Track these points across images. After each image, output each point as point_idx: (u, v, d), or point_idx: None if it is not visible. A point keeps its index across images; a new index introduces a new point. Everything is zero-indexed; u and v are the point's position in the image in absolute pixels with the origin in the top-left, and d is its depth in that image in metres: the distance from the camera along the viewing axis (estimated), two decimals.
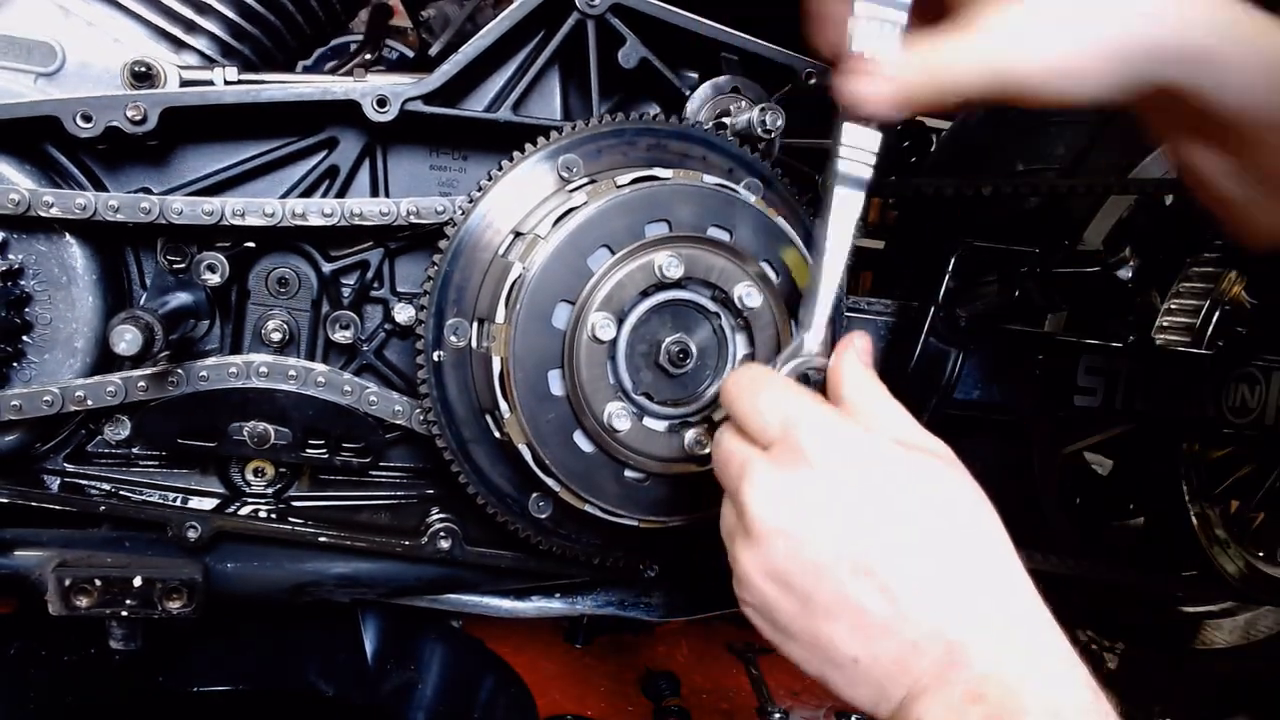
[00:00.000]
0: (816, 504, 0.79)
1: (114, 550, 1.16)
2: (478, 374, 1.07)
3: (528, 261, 1.01)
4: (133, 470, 1.21)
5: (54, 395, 1.09)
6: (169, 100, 1.07)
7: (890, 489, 0.79)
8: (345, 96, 1.10)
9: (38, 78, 1.11)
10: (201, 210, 1.08)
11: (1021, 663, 0.73)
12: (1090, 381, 1.43)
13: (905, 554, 0.77)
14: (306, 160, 1.17)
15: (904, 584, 0.76)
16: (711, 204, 1.04)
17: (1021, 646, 0.74)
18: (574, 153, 1.08)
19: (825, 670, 0.80)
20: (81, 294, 1.10)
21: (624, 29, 1.15)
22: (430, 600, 1.31)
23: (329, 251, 1.20)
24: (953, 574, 0.76)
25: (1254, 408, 1.51)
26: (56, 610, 1.11)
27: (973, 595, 0.76)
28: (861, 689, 0.78)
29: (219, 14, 1.18)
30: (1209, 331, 1.55)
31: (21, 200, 1.05)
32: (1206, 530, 1.63)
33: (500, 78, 1.19)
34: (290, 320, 1.20)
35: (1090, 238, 1.64)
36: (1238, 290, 1.56)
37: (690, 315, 1.05)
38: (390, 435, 1.23)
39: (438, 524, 1.21)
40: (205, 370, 1.13)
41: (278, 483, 1.25)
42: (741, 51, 1.20)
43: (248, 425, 1.15)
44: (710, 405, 1.07)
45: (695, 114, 1.18)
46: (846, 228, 0.92)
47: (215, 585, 1.18)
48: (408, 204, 1.12)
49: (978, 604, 0.75)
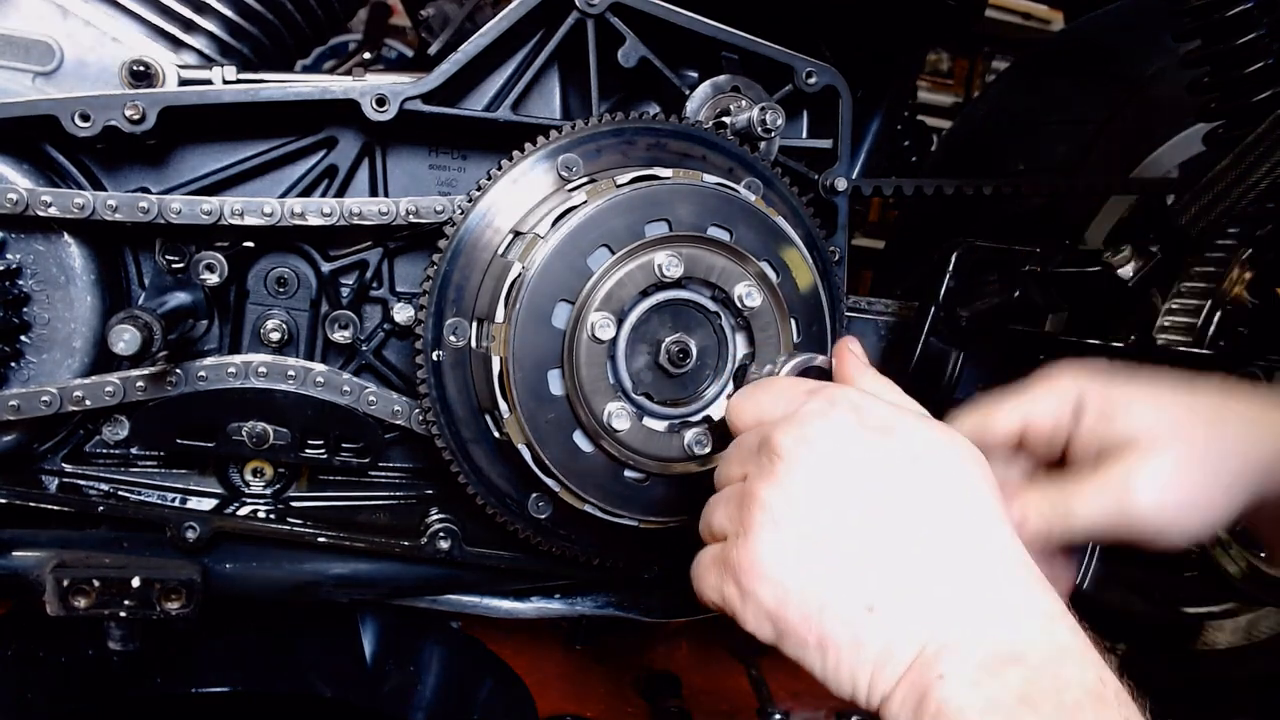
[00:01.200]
0: (856, 442, 0.78)
1: (112, 551, 1.16)
2: (477, 374, 1.07)
3: (527, 261, 1.01)
4: (131, 470, 1.21)
5: (52, 395, 1.09)
6: (167, 99, 1.07)
7: (925, 447, 0.78)
8: (344, 96, 1.10)
9: (36, 77, 1.11)
10: (200, 210, 1.08)
11: (1055, 633, 0.72)
12: None
13: (942, 505, 0.76)
14: (305, 160, 1.17)
15: (935, 531, 0.75)
16: (711, 203, 1.04)
17: (1052, 619, 0.73)
18: (573, 152, 1.08)
19: (825, 628, 0.75)
20: (80, 294, 1.10)
21: (623, 28, 1.15)
22: (430, 601, 1.31)
23: (328, 251, 1.20)
24: (983, 537, 0.76)
25: None
26: (55, 611, 1.11)
27: (1002, 559, 0.75)
28: (864, 649, 0.74)
29: (217, 13, 1.18)
30: (1210, 331, 1.54)
31: (19, 199, 1.04)
32: None
33: (499, 77, 1.18)
34: (289, 320, 1.20)
35: (1090, 238, 1.64)
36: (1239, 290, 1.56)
37: (690, 315, 1.04)
38: (389, 435, 1.22)
39: (437, 524, 1.21)
40: (204, 370, 1.13)
41: (276, 483, 1.24)
42: (741, 51, 1.20)
43: (246, 425, 1.15)
44: (710, 405, 1.07)
45: (695, 113, 1.18)
46: None
47: (214, 586, 1.18)
48: (407, 203, 1.12)
49: (1006, 568, 0.75)
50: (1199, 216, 1.20)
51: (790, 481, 0.78)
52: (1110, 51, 1.80)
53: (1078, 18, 2.12)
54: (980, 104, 2.34)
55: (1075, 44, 1.99)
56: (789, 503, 0.78)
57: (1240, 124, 1.28)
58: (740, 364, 1.07)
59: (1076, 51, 1.93)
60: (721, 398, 1.07)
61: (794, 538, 0.77)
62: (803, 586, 0.76)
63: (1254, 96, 1.27)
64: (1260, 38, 1.25)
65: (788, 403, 0.85)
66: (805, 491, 0.78)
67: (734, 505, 0.83)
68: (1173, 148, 1.62)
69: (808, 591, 0.76)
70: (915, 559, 0.75)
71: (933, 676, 0.70)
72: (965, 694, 0.69)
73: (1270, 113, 1.17)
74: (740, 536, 0.80)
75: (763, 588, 0.78)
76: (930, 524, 0.76)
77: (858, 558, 0.75)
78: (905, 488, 0.77)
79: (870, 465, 0.78)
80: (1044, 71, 1.99)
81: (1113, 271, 1.23)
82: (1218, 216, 1.20)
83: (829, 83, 1.24)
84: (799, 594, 0.77)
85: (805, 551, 0.77)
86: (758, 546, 0.78)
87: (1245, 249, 1.55)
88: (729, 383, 1.07)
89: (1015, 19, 4.71)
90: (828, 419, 0.80)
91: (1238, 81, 1.28)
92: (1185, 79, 1.39)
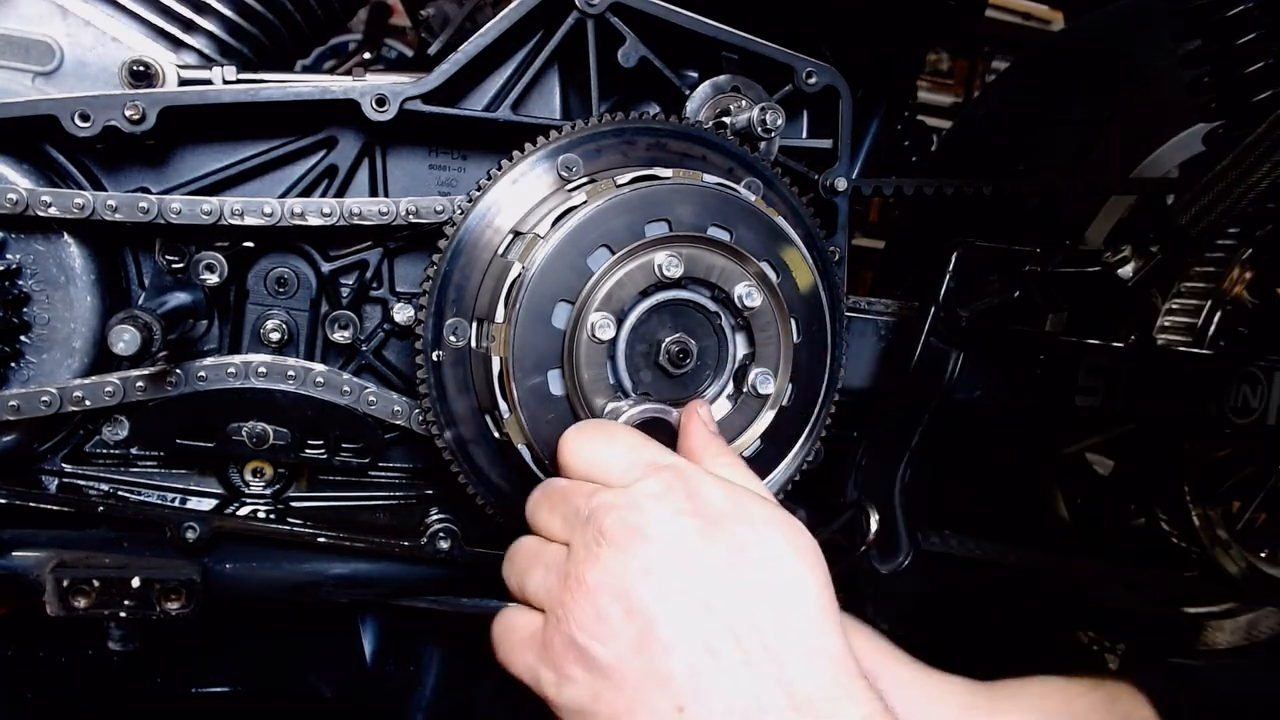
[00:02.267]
0: (685, 534, 0.78)
1: (112, 551, 1.15)
2: (477, 374, 1.07)
3: (527, 261, 1.00)
4: (131, 470, 1.21)
5: (52, 395, 1.09)
6: (167, 99, 1.07)
7: (755, 542, 0.78)
8: (344, 96, 1.10)
9: (35, 77, 1.11)
10: (200, 210, 1.08)
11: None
12: (1091, 381, 1.43)
13: (763, 606, 0.76)
14: (305, 160, 1.17)
15: (755, 628, 0.75)
16: (711, 203, 1.03)
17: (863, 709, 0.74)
18: (573, 152, 1.08)
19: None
20: (80, 294, 1.10)
21: (623, 28, 1.14)
22: (430, 601, 1.31)
23: (328, 251, 1.20)
24: (804, 631, 0.76)
25: (1256, 408, 1.50)
26: (54, 611, 1.11)
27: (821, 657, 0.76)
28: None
29: (217, 13, 1.18)
30: (1210, 331, 1.55)
31: (19, 199, 1.04)
32: (1208, 531, 1.62)
33: (499, 77, 1.18)
34: (289, 320, 1.20)
35: (1090, 238, 1.64)
36: (1239, 290, 1.56)
37: (690, 315, 1.04)
38: (389, 435, 1.22)
39: (437, 524, 1.21)
40: (204, 370, 1.13)
41: (276, 483, 1.24)
42: (741, 51, 1.20)
43: (246, 425, 1.15)
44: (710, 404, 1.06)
45: (695, 113, 1.18)
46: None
47: (214, 586, 1.17)
48: (407, 203, 1.12)
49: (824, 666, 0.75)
50: (1199, 216, 1.20)
51: (615, 569, 0.78)
52: (1110, 51, 1.80)
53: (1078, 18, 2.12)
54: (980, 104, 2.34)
55: (1075, 44, 1.99)
56: (612, 592, 0.77)
57: (1240, 124, 1.28)
58: (740, 364, 1.07)
59: (1076, 51, 1.93)
60: (722, 398, 1.07)
61: (614, 630, 0.77)
62: (620, 681, 0.76)
63: (1254, 96, 1.28)
64: (1260, 38, 1.25)
65: (624, 470, 0.84)
66: (629, 582, 0.77)
67: (554, 578, 0.82)
68: (1173, 148, 1.63)
69: (624, 687, 0.76)
70: (732, 665, 0.75)
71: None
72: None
73: (1270, 113, 1.16)
74: (559, 621, 0.80)
75: (579, 677, 0.78)
76: (750, 622, 0.76)
77: (676, 654, 0.75)
78: (729, 583, 0.77)
79: (697, 561, 0.78)
80: (1044, 71, 1.99)
81: (1113, 271, 1.23)
82: (1218, 216, 1.20)
83: (829, 83, 1.24)
84: (614, 689, 0.77)
85: (624, 645, 0.76)
86: (577, 635, 0.78)
87: (1245, 249, 1.55)
88: (729, 383, 1.07)
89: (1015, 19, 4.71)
90: (660, 506, 0.79)
91: (1238, 81, 1.28)
92: (1185, 79, 1.39)
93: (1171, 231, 1.22)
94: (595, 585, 0.78)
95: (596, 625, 0.77)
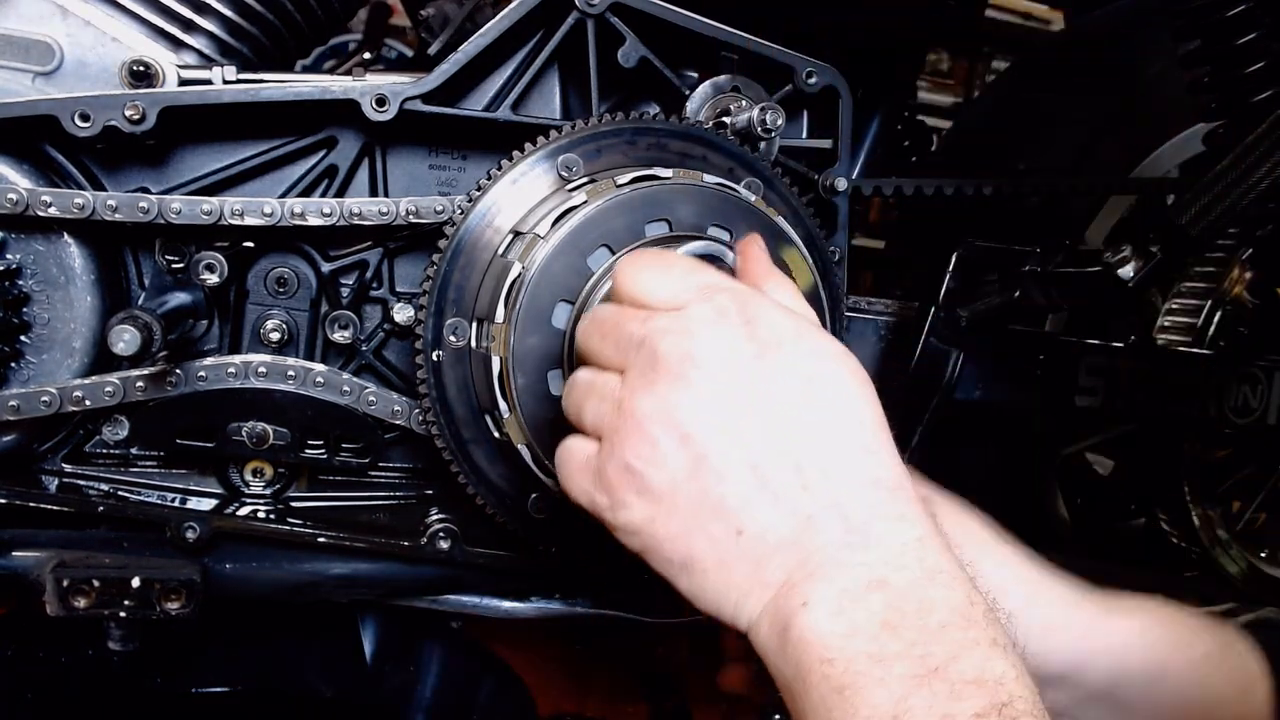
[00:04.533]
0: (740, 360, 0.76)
1: (112, 551, 1.15)
2: (477, 374, 1.07)
3: (527, 261, 1.00)
4: (131, 470, 1.21)
5: (52, 395, 1.09)
6: (167, 99, 1.07)
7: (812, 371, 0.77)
8: (344, 96, 1.10)
9: (35, 77, 1.11)
10: (200, 210, 1.08)
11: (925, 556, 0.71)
12: (1091, 381, 1.43)
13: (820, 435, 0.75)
14: (305, 160, 1.17)
15: (811, 455, 0.74)
16: (711, 203, 1.03)
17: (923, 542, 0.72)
18: (573, 152, 1.08)
19: (693, 548, 0.75)
20: (79, 294, 1.10)
21: (623, 28, 1.14)
22: (430, 601, 1.31)
23: (328, 251, 1.19)
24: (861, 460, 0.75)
25: (1256, 408, 1.50)
26: (54, 611, 1.11)
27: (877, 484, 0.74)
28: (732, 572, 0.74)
29: (218, 13, 1.18)
30: (1210, 331, 1.55)
31: (19, 199, 1.04)
32: (1208, 531, 1.62)
33: (499, 77, 1.18)
34: (289, 320, 1.20)
35: (1090, 238, 1.64)
36: (1239, 290, 1.56)
37: None
38: (389, 435, 1.22)
39: (437, 524, 1.21)
40: (204, 370, 1.13)
41: (276, 483, 1.24)
42: (741, 51, 1.20)
43: (246, 425, 1.15)
44: None
45: (695, 113, 1.18)
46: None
47: (214, 586, 1.17)
48: (407, 203, 1.12)
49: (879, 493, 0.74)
50: (1199, 216, 1.20)
51: (668, 397, 0.76)
52: (1110, 51, 1.80)
53: (1078, 18, 2.12)
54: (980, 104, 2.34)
55: (1075, 44, 1.99)
56: (665, 421, 0.76)
57: (1240, 124, 1.28)
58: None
59: (1076, 51, 1.93)
60: None
61: (667, 457, 0.76)
62: (673, 506, 0.76)
63: (1254, 96, 1.27)
64: (1260, 38, 1.25)
65: (676, 293, 0.81)
66: (682, 411, 0.76)
67: (607, 406, 0.81)
68: (1173, 148, 1.62)
69: (677, 511, 0.75)
70: (787, 485, 0.74)
71: (796, 604, 0.70)
72: (827, 622, 0.69)
73: (1270, 113, 1.17)
74: (613, 446, 0.78)
75: (633, 502, 0.77)
76: (806, 449, 0.75)
77: (729, 482, 0.74)
78: (785, 410, 0.76)
79: (752, 388, 0.76)
80: (1044, 71, 1.99)
81: (1113, 271, 1.23)
82: (1218, 216, 1.20)
83: (829, 83, 1.24)
84: (668, 512, 0.76)
85: (678, 472, 0.75)
86: (631, 462, 0.77)
87: (1245, 249, 1.55)
88: None
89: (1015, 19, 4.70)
90: (716, 331, 0.77)
91: (1238, 81, 1.28)
92: (1185, 79, 1.39)
93: (1171, 231, 1.22)
94: (649, 412, 0.77)
95: (650, 451, 0.76)
